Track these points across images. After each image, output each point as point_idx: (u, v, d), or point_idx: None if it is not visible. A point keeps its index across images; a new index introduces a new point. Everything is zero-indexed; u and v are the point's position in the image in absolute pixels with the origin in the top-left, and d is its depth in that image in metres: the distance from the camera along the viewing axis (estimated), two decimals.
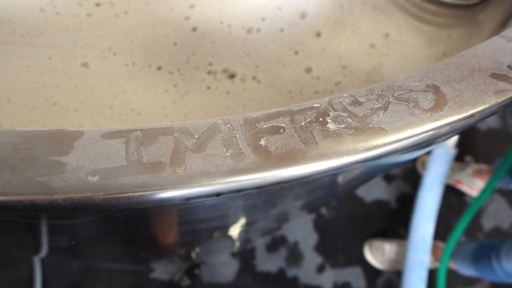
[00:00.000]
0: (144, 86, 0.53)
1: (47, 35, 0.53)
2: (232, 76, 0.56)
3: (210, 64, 0.56)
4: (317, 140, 0.29)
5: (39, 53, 0.52)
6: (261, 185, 0.27)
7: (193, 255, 1.16)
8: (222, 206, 0.37)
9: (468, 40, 0.56)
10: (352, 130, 0.29)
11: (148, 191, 0.25)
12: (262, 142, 0.28)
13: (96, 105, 0.50)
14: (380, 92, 0.32)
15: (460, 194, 1.49)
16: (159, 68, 0.54)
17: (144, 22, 0.56)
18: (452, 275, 1.31)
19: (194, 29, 0.57)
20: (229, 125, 0.29)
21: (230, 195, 0.27)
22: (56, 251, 0.77)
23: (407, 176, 1.50)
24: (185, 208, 0.34)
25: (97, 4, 0.56)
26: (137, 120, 0.50)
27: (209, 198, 0.27)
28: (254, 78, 0.56)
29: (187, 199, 0.26)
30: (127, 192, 0.24)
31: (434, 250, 1.33)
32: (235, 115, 0.30)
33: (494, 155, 1.54)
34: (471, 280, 1.36)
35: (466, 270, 1.22)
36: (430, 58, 0.57)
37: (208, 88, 0.54)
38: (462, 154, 1.52)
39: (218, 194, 0.26)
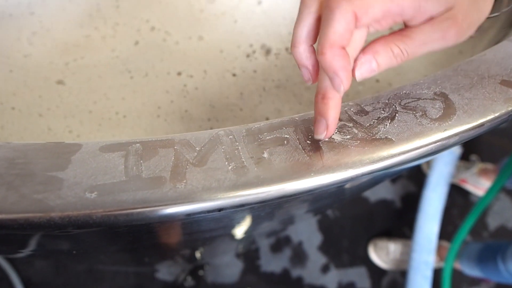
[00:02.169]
0: (139, 92, 0.51)
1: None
2: (268, 51, 0.55)
3: (251, 45, 0.56)
4: (322, 152, 0.28)
5: None
6: (264, 199, 0.26)
7: (197, 255, 1.15)
8: (225, 218, 0.37)
9: (473, 46, 0.55)
10: (358, 141, 0.28)
11: (148, 207, 0.24)
12: (265, 155, 0.27)
13: (69, 111, 0.49)
14: (387, 101, 0.31)
15: (465, 194, 1.48)
16: (179, 74, 0.53)
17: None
18: (457, 275, 1.30)
19: (259, 2, 0.57)
20: (231, 137, 0.28)
21: (233, 210, 0.26)
22: (58, 256, 0.76)
23: (411, 175, 1.49)
24: (187, 222, 0.33)
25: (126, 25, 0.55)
26: (121, 123, 0.49)
27: (211, 214, 0.26)
28: (287, 49, 0.55)
29: (188, 215, 0.25)
30: (126, 209, 0.24)
31: (439, 250, 1.32)
32: (237, 126, 0.29)
33: (499, 154, 1.52)
34: (476, 280, 1.35)
35: (471, 270, 1.21)
36: (447, 55, 0.56)
37: (234, 75, 0.53)
38: (468, 153, 1.50)
39: (220, 210, 0.25)
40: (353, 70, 0.27)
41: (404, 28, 0.28)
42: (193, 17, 0.57)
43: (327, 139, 0.29)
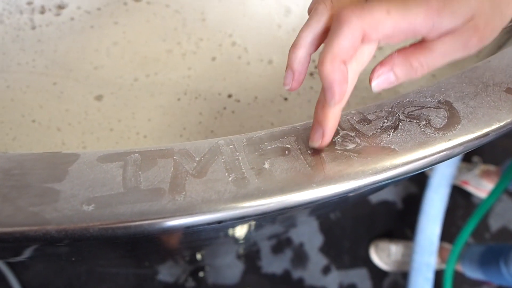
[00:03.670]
0: (169, 114, 0.50)
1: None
2: None
3: (313, 61, 0.55)
4: (324, 162, 0.27)
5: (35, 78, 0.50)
6: (265, 212, 0.25)
7: (198, 257, 1.15)
8: (225, 228, 0.36)
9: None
10: (361, 151, 0.28)
11: (146, 220, 0.24)
12: (266, 165, 0.27)
13: (90, 128, 0.48)
14: (390, 109, 0.31)
15: (467, 195, 1.47)
16: (229, 96, 0.52)
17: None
18: (459, 277, 1.30)
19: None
20: (231, 146, 0.28)
21: (233, 222, 0.26)
22: (57, 261, 0.76)
23: (413, 177, 1.49)
24: (187, 232, 0.33)
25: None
26: (140, 143, 0.47)
27: (211, 225, 0.25)
28: None
29: (188, 227, 0.25)
30: (124, 222, 0.23)
31: (441, 252, 1.32)
32: (238, 134, 0.29)
33: (502, 156, 1.52)
34: (478, 283, 1.35)
35: (473, 273, 1.20)
36: None
37: (286, 99, 0.53)
38: (470, 155, 1.50)
39: (219, 222, 0.25)
40: (370, 81, 0.27)
41: (424, 40, 0.27)
42: (272, 33, 0.56)
43: (327, 149, 0.28)
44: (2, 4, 0.51)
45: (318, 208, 0.46)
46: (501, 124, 0.30)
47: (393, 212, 1.45)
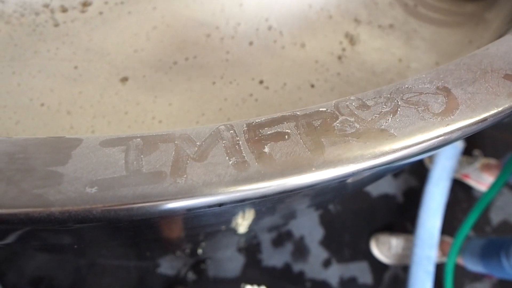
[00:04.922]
0: (194, 99, 0.50)
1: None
2: (352, 40, 0.54)
3: (341, 43, 0.55)
4: (323, 147, 0.27)
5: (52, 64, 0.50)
6: (265, 194, 0.26)
7: (199, 250, 1.16)
8: (226, 213, 0.36)
9: (482, 36, 0.54)
10: (360, 136, 0.28)
11: (148, 202, 0.24)
12: (266, 150, 0.27)
13: (103, 111, 0.47)
14: (389, 95, 0.31)
15: (468, 189, 1.47)
16: (261, 82, 0.52)
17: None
18: (459, 270, 1.30)
19: None
20: (232, 131, 0.28)
21: (233, 205, 0.26)
22: (59, 250, 0.76)
23: (414, 170, 1.49)
24: (187, 217, 0.33)
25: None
26: (153, 128, 0.47)
27: (212, 209, 0.26)
28: (371, 23, 0.55)
29: (189, 210, 0.25)
30: (126, 204, 0.24)
31: (442, 245, 1.32)
32: (238, 120, 0.29)
33: (503, 149, 1.52)
34: (478, 276, 1.35)
35: (474, 266, 1.21)
36: (457, 44, 0.56)
37: (312, 86, 0.53)
38: (470, 148, 1.50)
39: (220, 205, 0.25)
40: None
41: None
42: (304, 15, 0.56)
43: (327, 133, 0.28)
44: (14, 6, 0.50)
45: (318, 195, 0.46)
46: (499, 109, 0.30)
47: (394, 205, 1.46)
